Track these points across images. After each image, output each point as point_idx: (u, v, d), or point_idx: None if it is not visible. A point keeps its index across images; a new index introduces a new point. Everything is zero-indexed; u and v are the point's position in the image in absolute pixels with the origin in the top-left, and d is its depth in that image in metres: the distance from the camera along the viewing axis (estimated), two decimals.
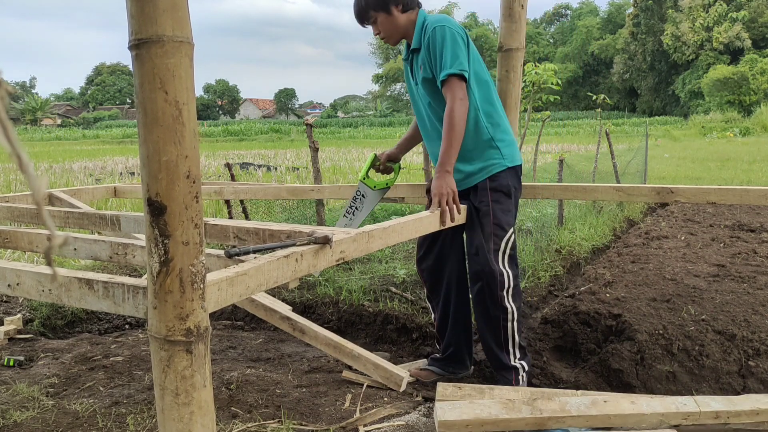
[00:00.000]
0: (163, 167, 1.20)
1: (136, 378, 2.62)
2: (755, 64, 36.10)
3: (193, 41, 1.21)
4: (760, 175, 10.39)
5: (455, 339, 2.62)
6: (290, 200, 6.14)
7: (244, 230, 1.89)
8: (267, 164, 13.57)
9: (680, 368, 2.58)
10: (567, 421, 1.83)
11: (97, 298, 1.42)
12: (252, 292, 1.50)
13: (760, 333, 2.69)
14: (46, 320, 3.58)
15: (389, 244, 2.05)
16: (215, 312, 1.47)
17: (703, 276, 3.67)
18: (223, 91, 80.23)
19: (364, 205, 2.69)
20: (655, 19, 46.41)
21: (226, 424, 2.11)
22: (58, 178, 10.98)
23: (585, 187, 2.71)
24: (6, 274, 1.55)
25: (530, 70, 5.68)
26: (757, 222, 5.62)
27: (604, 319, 2.98)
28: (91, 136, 43.11)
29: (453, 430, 1.81)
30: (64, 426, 2.10)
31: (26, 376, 2.63)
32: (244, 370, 2.65)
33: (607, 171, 8.07)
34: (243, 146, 26.63)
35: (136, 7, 1.15)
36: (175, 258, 1.24)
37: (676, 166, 12.59)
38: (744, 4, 41.37)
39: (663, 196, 2.52)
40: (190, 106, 1.21)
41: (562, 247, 4.87)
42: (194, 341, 1.30)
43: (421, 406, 2.34)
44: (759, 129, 27.14)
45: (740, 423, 1.85)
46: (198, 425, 1.33)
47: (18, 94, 24.80)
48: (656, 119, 40.42)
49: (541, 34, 63.38)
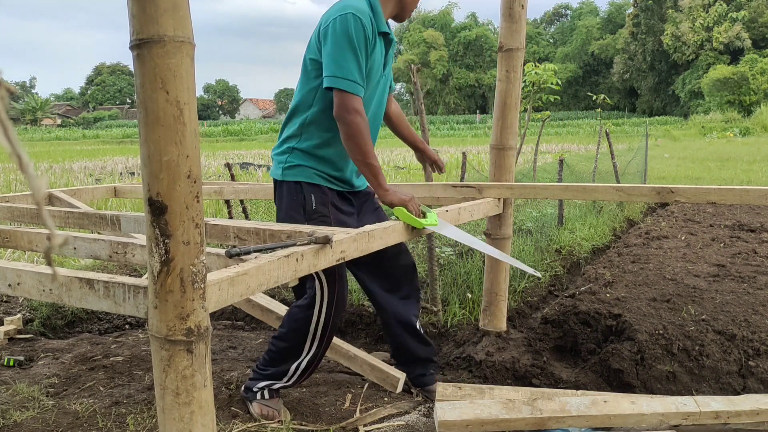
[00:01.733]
0: (164, 167, 1.20)
1: (136, 378, 2.62)
2: (755, 64, 36.11)
3: (194, 41, 1.21)
4: (760, 175, 10.39)
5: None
6: None
7: (244, 230, 1.89)
8: (267, 164, 13.56)
9: (680, 368, 2.58)
10: (567, 421, 1.84)
11: (98, 297, 1.42)
12: (253, 292, 1.50)
13: (760, 333, 2.69)
14: (46, 320, 3.58)
15: (389, 243, 2.05)
16: (215, 312, 1.47)
17: (703, 276, 3.67)
18: (223, 91, 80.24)
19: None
20: (655, 19, 46.42)
21: (226, 424, 2.11)
22: (58, 178, 10.97)
23: (585, 187, 2.69)
24: (6, 273, 1.55)
25: (530, 70, 5.67)
26: (757, 222, 5.62)
27: (604, 319, 2.98)
28: (91, 136, 43.12)
29: (453, 430, 1.81)
30: (64, 426, 2.10)
31: (26, 376, 2.63)
32: (244, 370, 2.65)
33: (607, 171, 8.07)
34: (243, 146, 26.62)
35: (137, 7, 1.15)
36: (176, 258, 1.24)
37: (676, 166, 12.59)
38: (744, 4, 41.37)
39: (663, 196, 2.51)
40: (191, 106, 1.21)
41: (562, 247, 4.87)
42: (195, 341, 1.30)
43: (421, 406, 2.34)
44: (759, 129, 27.14)
45: (740, 423, 1.85)
46: (198, 425, 1.33)
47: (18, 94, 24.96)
48: (656, 119, 40.45)
49: (541, 34, 63.40)
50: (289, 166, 2.18)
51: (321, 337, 2.21)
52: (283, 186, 2.21)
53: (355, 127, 2.00)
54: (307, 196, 2.16)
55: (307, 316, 2.20)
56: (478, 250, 2.71)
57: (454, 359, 2.94)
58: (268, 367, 2.25)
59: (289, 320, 2.25)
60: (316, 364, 2.27)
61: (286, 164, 2.19)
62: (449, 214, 2.40)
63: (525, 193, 2.79)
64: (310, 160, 2.18)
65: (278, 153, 2.23)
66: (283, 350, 2.23)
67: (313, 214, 2.16)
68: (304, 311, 2.21)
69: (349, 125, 2.00)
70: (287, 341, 2.22)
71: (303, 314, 2.21)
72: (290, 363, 2.23)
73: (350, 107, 1.98)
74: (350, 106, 1.98)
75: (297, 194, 2.17)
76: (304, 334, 2.20)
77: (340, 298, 2.20)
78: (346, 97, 1.98)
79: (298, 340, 2.21)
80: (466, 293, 3.55)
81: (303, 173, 2.17)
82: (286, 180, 2.19)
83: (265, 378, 2.24)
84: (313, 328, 2.20)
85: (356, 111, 1.99)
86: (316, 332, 2.20)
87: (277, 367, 2.24)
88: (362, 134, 2.01)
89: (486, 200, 2.69)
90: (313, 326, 2.19)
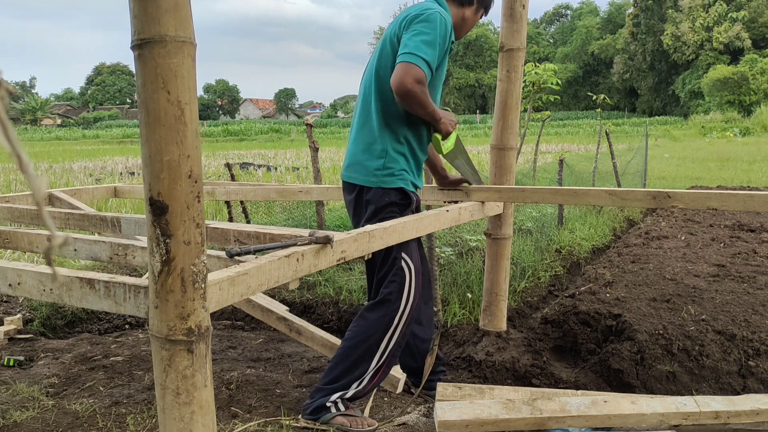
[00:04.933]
0: (165, 167, 1.20)
1: (136, 378, 2.62)
2: (755, 64, 36.12)
3: (195, 41, 1.21)
4: (760, 175, 10.40)
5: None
6: (291, 200, 6.13)
7: (245, 234, 1.89)
8: (267, 164, 13.56)
9: (680, 368, 2.58)
10: (567, 421, 1.84)
11: (99, 297, 1.42)
12: (253, 292, 1.50)
13: (760, 333, 2.69)
14: (46, 320, 3.58)
15: (389, 244, 2.05)
16: (215, 312, 1.47)
17: (703, 276, 3.67)
18: (223, 91, 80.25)
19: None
20: (655, 19, 46.43)
21: (226, 424, 2.11)
22: (58, 178, 10.97)
23: (576, 190, 2.56)
24: (7, 273, 1.55)
25: (530, 70, 5.67)
26: (757, 222, 5.62)
27: (604, 319, 2.98)
28: (91, 136, 43.11)
29: (453, 430, 1.81)
30: (64, 426, 2.10)
31: (26, 376, 2.63)
32: (244, 370, 2.65)
33: (607, 171, 8.08)
34: (243, 146, 26.63)
35: (138, 8, 1.15)
36: (177, 257, 1.24)
37: (676, 166, 12.59)
38: (744, 4, 41.39)
39: (660, 201, 2.34)
40: (192, 106, 1.21)
41: (562, 247, 4.87)
42: (195, 341, 1.30)
43: (421, 406, 2.34)
44: (759, 129, 27.16)
45: (740, 423, 1.85)
46: (198, 425, 1.33)
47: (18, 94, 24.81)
48: (656, 119, 40.44)
49: (541, 34, 63.42)
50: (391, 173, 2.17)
51: (401, 333, 2.16)
52: (384, 192, 2.17)
53: (422, 95, 2.02)
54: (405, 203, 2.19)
55: (391, 311, 2.13)
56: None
57: (454, 359, 2.94)
58: (340, 376, 2.14)
59: (364, 324, 2.15)
60: (392, 361, 2.19)
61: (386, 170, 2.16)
62: (449, 214, 2.40)
63: (514, 197, 2.68)
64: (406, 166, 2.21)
65: (375, 156, 2.17)
66: (358, 353, 2.14)
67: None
68: (386, 307, 2.13)
69: (415, 92, 2.00)
70: (359, 346, 2.13)
71: (385, 310, 2.13)
72: (366, 366, 2.14)
73: (414, 75, 1.98)
74: (414, 75, 1.98)
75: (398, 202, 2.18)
76: (384, 331, 2.13)
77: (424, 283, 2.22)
78: (412, 68, 1.98)
79: (376, 339, 2.13)
80: (466, 293, 3.55)
81: (404, 180, 2.19)
82: (386, 187, 2.16)
83: (335, 390, 2.13)
84: (397, 320, 2.13)
85: (419, 81, 1.99)
86: (399, 323, 2.14)
87: (351, 373, 2.13)
88: (425, 100, 2.05)
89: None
90: (398, 317, 2.13)
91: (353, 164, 2.23)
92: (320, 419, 2.08)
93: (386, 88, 2.12)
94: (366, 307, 2.20)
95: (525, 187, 2.67)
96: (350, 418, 2.09)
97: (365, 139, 2.20)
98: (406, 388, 2.52)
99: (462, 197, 2.64)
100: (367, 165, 2.18)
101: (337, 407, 2.10)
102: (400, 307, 2.14)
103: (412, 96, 2.00)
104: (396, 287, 2.15)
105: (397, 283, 2.15)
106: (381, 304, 2.15)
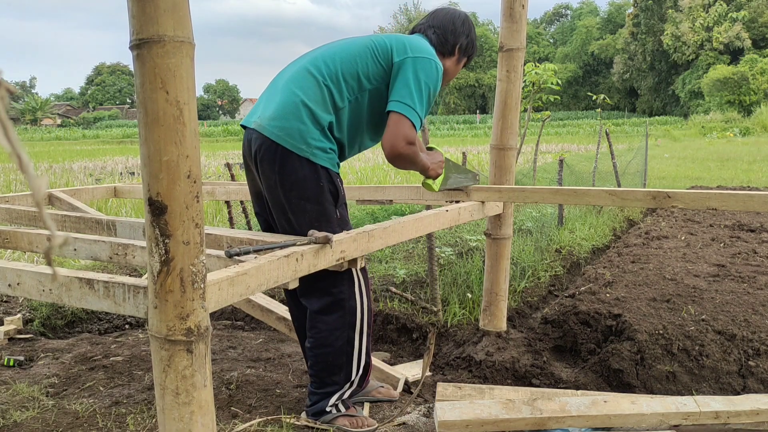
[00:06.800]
0: (163, 167, 1.20)
1: (136, 378, 2.62)
2: (755, 64, 36.12)
3: (194, 41, 1.21)
4: (760, 175, 10.40)
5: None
6: None
7: (237, 240, 1.88)
8: None
9: (680, 368, 2.58)
10: (567, 421, 1.84)
11: (98, 297, 1.42)
12: (252, 292, 1.50)
13: (760, 333, 2.69)
14: (46, 320, 3.58)
15: (389, 244, 2.05)
16: (215, 312, 1.47)
17: (703, 276, 3.67)
18: (223, 91, 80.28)
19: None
20: (655, 19, 46.44)
21: (226, 424, 2.11)
22: (58, 178, 10.97)
23: (576, 190, 2.56)
24: (6, 273, 1.55)
25: (530, 70, 5.67)
26: (757, 222, 5.62)
27: (604, 319, 2.98)
28: (91, 136, 43.13)
29: (453, 430, 1.81)
30: (64, 426, 2.10)
31: (26, 376, 2.63)
32: (244, 370, 2.65)
33: (607, 171, 8.07)
34: None
35: (137, 7, 1.15)
36: (176, 257, 1.24)
37: (676, 166, 12.59)
38: (744, 4, 41.40)
39: (659, 201, 2.34)
40: (190, 106, 1.21)
41: (562, 247, 4.87)
42: (195, 341, 1.30)
43: (421, 406, 2.34)
44: (759, 129, 27.16)
45: (740, 423, 1.85)
46: (198, 425, 1.33)
47: (18, 94, 24.69)
48: (656, 119, 40.45)
49: (541, 34, 63.43)
50: (323, 149, 2.01)
51: (368, 325, 2.12)
52: (315, 168, 2.01)
53: (413, 155, 2.07)
54: (337, 184, 2.08)
55: (347, 312, 2.06)
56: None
57: (454, 359, 2.94)
58: (326, 380, 2.11)
59: (326, 328, 2.07)
60: (369, 353, 2.17)
61: (320, 145, 2.00)
62: (449, 214, 2.41)
63: (514, 197, 2.67)
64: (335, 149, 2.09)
65: (311, 127, 2.00)
66: (332, 357, 2.08)
67: (343, 200, 2.13)
68: (340, 310, 2.05)
69: (407, 155, 2.03)
70: (332, 346, 2.07)
71: (341, 313, 2.06)
72: (349, 366, 2.11)
73: (405, 137, 2.00)
74: (405, 137, 2.00)
75: (328, 181, 2.04)
76: (350, 329, 2.08)
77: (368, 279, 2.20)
78: (404, 127, 1.99)
79: (346, 340, 2.08)
80: (466, 293, 3.55)
81: (332, 161, 2.05)
82: (319, 163, 2.01)
83: (330, 394, 2.11)
84: (359, 315, 2.08)
85: (410, 142, 2.02)
86: (362, 322, 2.09)
87: (336, 375, 2.10)
88: (416, 158, 2.11)
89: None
90: (358, 312, 2.08)
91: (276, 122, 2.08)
92: (321, 420, 2.11)
93: (373, 100, 2.08)
94: (317, 310, 2.08)
95: (525, 187, 2.67)
96: (351, 419, 2.11)
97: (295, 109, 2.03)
98: (406, 387, 2.52)
99: (462, 197, 2.64)
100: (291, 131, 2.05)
101: (338, 409, 2.12)
102: (356, 302, 2.08)
103: (404, 158, 2.05)
104: (346, 284, 2.05)
105: (346, 279, 2.05)
106: (335, 305, 2.06)
